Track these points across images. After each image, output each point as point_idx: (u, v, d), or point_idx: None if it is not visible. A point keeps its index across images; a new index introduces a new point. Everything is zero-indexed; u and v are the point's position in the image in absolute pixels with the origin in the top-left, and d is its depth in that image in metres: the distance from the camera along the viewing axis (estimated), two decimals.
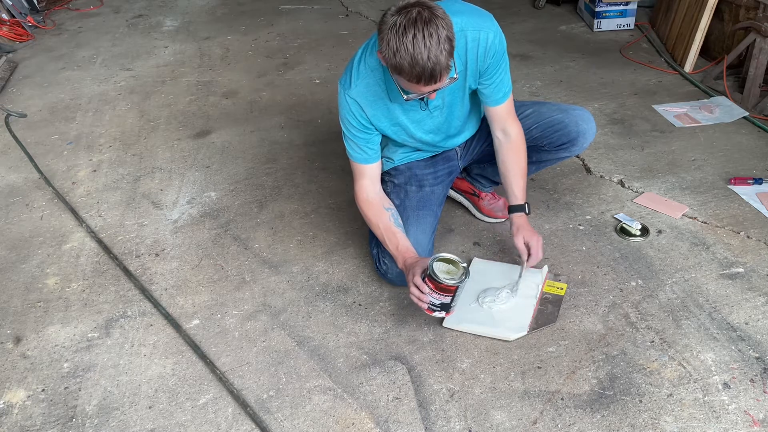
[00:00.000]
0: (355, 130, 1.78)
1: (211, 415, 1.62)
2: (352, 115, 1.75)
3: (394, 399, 1.62)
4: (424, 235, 1.89)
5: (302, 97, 3.26)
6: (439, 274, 1.58)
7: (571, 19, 3.96)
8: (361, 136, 1.79)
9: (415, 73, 1.45)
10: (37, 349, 1.87)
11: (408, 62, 1.44)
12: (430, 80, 1.47)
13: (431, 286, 1.60)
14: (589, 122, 1.92)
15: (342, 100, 1.75)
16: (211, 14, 4.61)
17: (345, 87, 1.73)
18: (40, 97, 3.48)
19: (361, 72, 1.71)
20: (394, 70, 1.50)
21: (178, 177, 2.65)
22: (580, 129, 1.90)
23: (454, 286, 1.59)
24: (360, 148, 1.81)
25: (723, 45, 3.16)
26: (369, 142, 1.81)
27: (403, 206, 1.90)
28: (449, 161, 2.04)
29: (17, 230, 2.40)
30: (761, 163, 2.42)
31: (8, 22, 4.36)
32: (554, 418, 1.54)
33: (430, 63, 1.43)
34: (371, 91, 1.71)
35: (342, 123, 1.80)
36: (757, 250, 2.00)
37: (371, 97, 1.72)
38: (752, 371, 1.61)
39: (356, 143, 1.80)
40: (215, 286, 2.05)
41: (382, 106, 1.74)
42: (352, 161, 1.85)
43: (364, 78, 1.70)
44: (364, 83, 1.71)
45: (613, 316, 1.81)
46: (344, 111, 1.76)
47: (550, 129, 1.91)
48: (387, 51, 1.46)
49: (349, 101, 1.73)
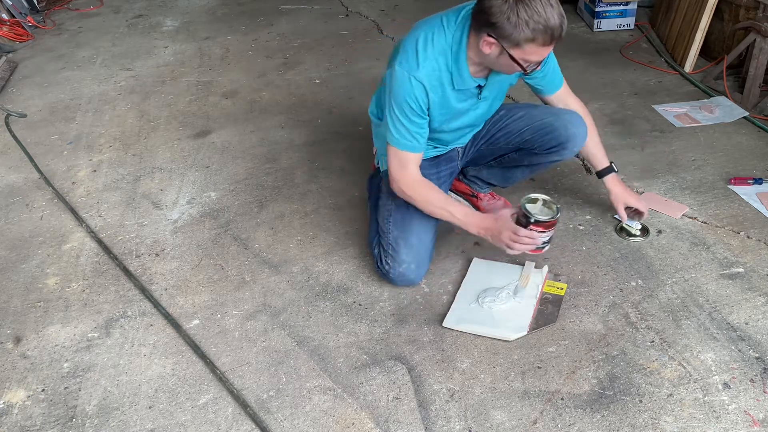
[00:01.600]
0: (413, 115, 1.72)
1: (211, 415, 1.62)
2: (415, 99, 1.69)
3: (394, 399, 1.62)
4: (428, 234, 1.89)
5: (302, 97, 3.26)
6: (542, 216, 1.69)
7: (571, 19, 3.95)
8: (417, 122, 1.74)
9: (549, 35, 1.53)
10: (37, 349, 1.87)
11: (543, 26, 1.50)
12: (560, 37, 1.55)
13: (541, 229, 1.69)
14: (580, 126, 1.91)
15: (404, 83, 1.67)
16: (211, 14, 4.61)
17: (410, 68, 1.66)
18: (40, 97, 3.48)
19: (428, 54, 1.67)
20: (526, 41, 1.53)
21: (178, 177, 2.65)
22: (570, 133, 1.89)
23: (557, 218, 1.71)
24: (412, 135, 1.74)
25: (723, 45, 3.16)
26: (422, 128, 1.76)
27: (406, 206, 1.90)
28: (451, 162, 2.04)
29: (17, 230, 2.40)
30: (761, 163, 2.42)
31: (8, 22, 4.36)
32: (554, 418, 1.54)
33: (561, 20, 1.53)
34: (435, 76, 1.69)
35: (397, 108, 1.71)
36: (757, 250, 2.00)
37: (435, 81, 1.70)
38: (752, 371, 1.61)
39: (409, 130, 1.73)
40: (215, 286, 2.05)
41: (442, 93, 1.73)
42: (397, 149, 1.76)
43: (431, 61, 1.67)
44: (430, 66, 1.68)
45: (613, 316, 1.81)
46: (406, 94, 1.68)
47: (541, 132, 1.91)
48: (517, 25, 1.51)
49: (413, 84, 1.67)
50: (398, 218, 1.89)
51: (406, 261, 1.85)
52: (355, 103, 3.13)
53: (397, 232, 1.87)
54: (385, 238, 1.90)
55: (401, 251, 1.85)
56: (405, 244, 1.85)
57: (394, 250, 1.86)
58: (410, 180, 1.79)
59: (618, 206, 2.03)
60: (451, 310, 1.84)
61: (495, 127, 2.01)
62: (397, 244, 1.86)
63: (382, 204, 1.96)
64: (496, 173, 2.12)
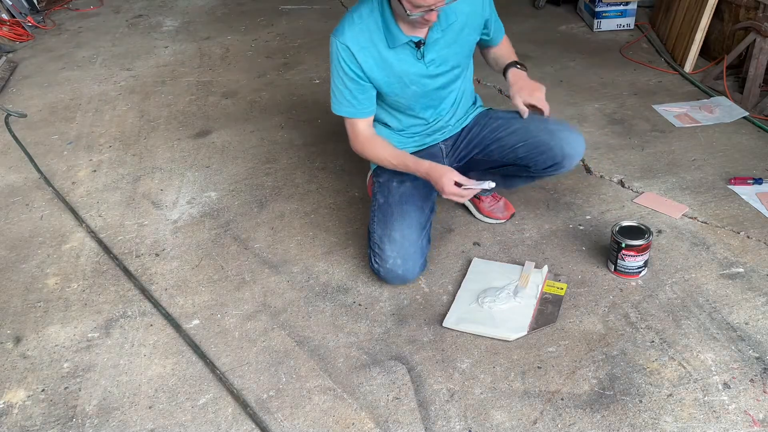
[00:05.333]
0: (347, 79, 1.80)
1: (211, 415, 1.62)
2: (343, 62, 1.78)
3: (394, 399, 1.62)
4: (411, 230, 1.88)
5: (302, 97, 3.26)
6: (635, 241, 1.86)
7: (571, 19, 3.96)
8: (351, 86, 1.81)
9: None
10: (37, 349, 1.87)
11: None
12: None
13: (634, 252, 1.86)
14: (577, 146, 1.89)
15: (333, 48, 1.78)
16: (211, 14, 4.61)
17: (336, 34, 1.77)
18: (40, 97, 3.48)
19: (354, 20, 1.76)
20: None
21: (178, 177, 2.65)
22: (566, 153, 1.88)
23: (650, 241, 1.88)
24: (347, 99, 1.84)
25: (723, 45, 3.15)
26: (360, 93, 1.83)
27: (387, 203, 1.91)
28: (434, 158, 2.04)
29: (17, 230, 2.40)
30: (761, 163, 2.42)
31: (8, 22, 4.36)
32: (554, 418, 1.54)
33: None
34: (365, 36, 1.76)
35: (332, 74, 1.83)
36: (757, 250, 2.00)
37: (364, 42, 1.76)
38: (752, 371, 1.61)
39: (343, 94, 1.83)
40: (215, 286, 2.05)
41: (375, 52, 1.78)
42: (345, 120, 1.90)
43: (357, 24, 1.76)
44: (357, 29, 1.75)
45: (613, 316, 1.81)
46: (334, 58, 1.79)
47: (536, 151, 1.89)
48: None
49: (339, 47, 1.76)
50: (380, 217, 1.91)
51: (392, 257, 1.85)
52: None
53: (380, 230, 1.88)
54: (372, 238, 1.91)
55: (385, 248, 1.86)
56: (388, 240, 1.86)
57: (380, 248, 1.87)
58: (362, 139, 1.90)
59: (516, 100, 1.91)
60: (451, 310, 1.84)
61: (489, 138, 2.00)
62: (381, 242, 1.87)
63: (371, 206, 1.98)
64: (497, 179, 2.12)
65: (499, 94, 3.10)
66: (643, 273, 1.92)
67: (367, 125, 1.90)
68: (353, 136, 1.92)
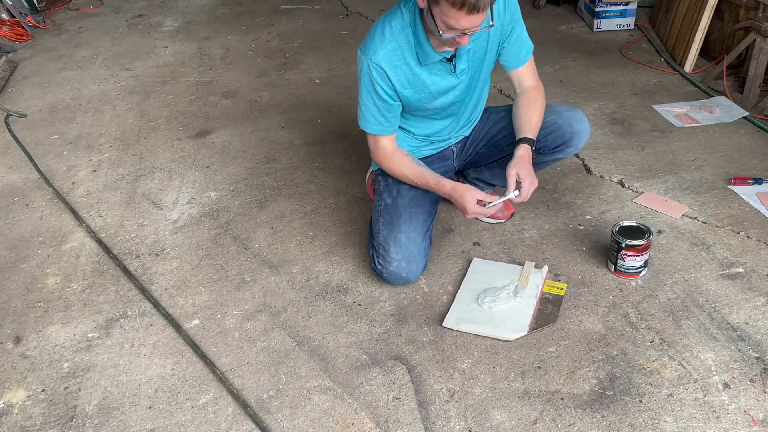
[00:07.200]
0: (376, 97, 1.77)
1: (211, 415, 1.62)
2: (375, 82, 1.75)
3: (394, 399, 1.62)
4: (417, 233, 1.89)
5: (302, 97, 3.26)
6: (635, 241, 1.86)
7: (571, 19, 3.96)
8: (380, 105, 1.79)
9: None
10: (37, 349, 1.87)
11: None
12: (474, 9, 1.50)
13: (634, 252, 1.86)
14: (583, 122, 1.92)
15: (363, 67, 1.74)
16: (211, 14, 4.61)
17: (368, 54, 1.72)
18: (40, 97, 3.48)
19: (386, 36, 1.72)
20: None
21: (178, 177, 2.65)
22: (574, 129, 1.90)
23: (650, 241, 1.87)
24: (375, 117, 1.81)
25: (723, 45, 3.16)
26: (389, 111, 1.81)
27: (395, 204, 1.90)
28: (445, 160, 2.04)
29: (17, 230, 2.40)
30: (761, 163, 2.42)
31: (8, 22, 4.35)
32: (554, 418, 1.54)
33: None
34: (397, 55, 1.72)
35: (361, 91, 1.80)
36: (757, 250, 2.00)
37: (396, 61, 1.73)
38: (752, 371, 1.61)
39: (372, 112, 1.80)
40: (215, 286, 2.05)
41: (407, 70, 1.75)
42: (368, 134, 1.87)
43: (389, 42, 1.71)
44: (389, 47, 1.71)
45: (613, 316, 1.81)
46: (365, 77, 1.76)
47: (544, 131, 1.91)
48: None
49: (371, 67, 1.72)
50: (387, 218, 1.90)
51: (396, 259, 1.86)
52: (355, 103, 3.09)
53: (386, 231, 1.88)
54: (376, 239, 1.91)
55: (390, 250, 1.86)
56: (394, 242, 1.86)
57: (384, 249, 1.87)
58: (383, 153, 1.89)
59: (511, 170, 1.81)
60: (451, 310, 1.84)
61: (495, 128, 2.02)
62: (386, 243, 1.87)
63: (374, 205, 1.98)
64: (498, 174, 2.12)
65: (499, 94, 3.10)
66: (643, 273, 1.92)
67: (390, 141, 1.88)
68: (374, 149, 1.90)
